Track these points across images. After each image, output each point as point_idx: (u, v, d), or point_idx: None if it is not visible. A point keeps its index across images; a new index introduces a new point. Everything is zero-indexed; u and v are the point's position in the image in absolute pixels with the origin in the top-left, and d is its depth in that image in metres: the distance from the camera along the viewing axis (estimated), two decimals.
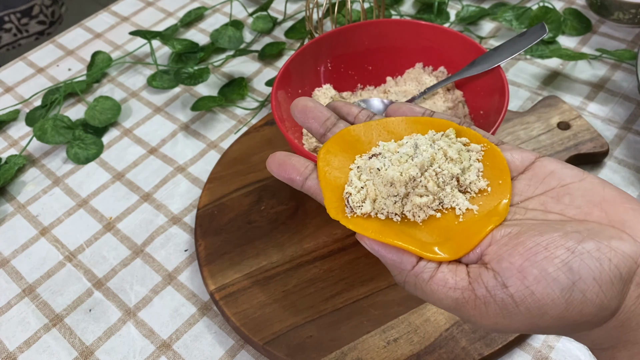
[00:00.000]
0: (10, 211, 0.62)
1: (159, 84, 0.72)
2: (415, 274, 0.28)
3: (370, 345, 0.46)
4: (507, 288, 0.26)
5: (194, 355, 0.49)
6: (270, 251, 0.53)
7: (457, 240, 0.29)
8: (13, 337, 0.51)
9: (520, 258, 0.26)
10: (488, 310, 0.26)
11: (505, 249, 0.27)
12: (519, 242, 0.27)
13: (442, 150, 0.31)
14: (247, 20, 0.82)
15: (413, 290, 0.29)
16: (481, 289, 0.26)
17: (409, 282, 0.28)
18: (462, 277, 0.27)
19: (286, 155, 0.33)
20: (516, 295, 0.25)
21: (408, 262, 0.28)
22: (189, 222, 0.58)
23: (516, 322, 0.26)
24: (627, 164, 0.59)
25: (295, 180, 0.32)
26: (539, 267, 0.25)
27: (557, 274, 0.25)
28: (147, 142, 0.67)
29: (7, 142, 0.69)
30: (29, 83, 0.77)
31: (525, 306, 0.25)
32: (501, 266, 0.26)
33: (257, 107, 0.69)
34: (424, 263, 0.28)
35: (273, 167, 0.32)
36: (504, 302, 0.26)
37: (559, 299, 0.25)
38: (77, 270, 0.56)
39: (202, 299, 0.52)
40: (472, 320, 0.27)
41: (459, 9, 0.79)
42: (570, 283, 0.25)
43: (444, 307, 0.28)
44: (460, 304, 0.27)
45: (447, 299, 0.27)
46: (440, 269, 0.28)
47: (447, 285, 0.27)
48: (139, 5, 0.87)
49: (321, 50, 0.58)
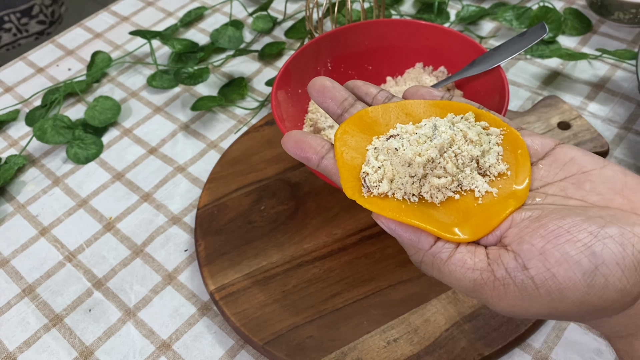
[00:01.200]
0: (10, 211, 0.62)
1: (158, 84, 0.72)
2: (433, 254, 0.28)
3: (370, 345, 0.46)
4: (527, 270, 0.25)
5: (193, 355, 0.49)
6: (270, 251, 0.53)
7: (476, 221, 0.28)
8: (13, 337, 0.51)
9: (542, 240, 0.26)
10: (507, 292, 0.26)
11: (527, 231, 0.26)
12: (541, 224, 0.26)
13: (462, 132, 0.30)
14: (247, 20, 0.82)
15: (430, 270, 0.28)
16: (501, 270, 0.26)
17: (425, 261, 0.28)
18: (480, 258, 0.27)
19: (302, 134, 0.32)
20: (537, 277, 0.25)
21: (426, 242, 0.28)
22: (189, 222, 0.58)
23: (535, 305, 0.26)
24: (627, 164, 0.59)
25: (311, 158, 0.31)
26: (561, 249, 0.25)
27: (579, 257, 0.25)
28: (147, 142, 0.67)
29: (7, 142, 0.69)
30: (29, 83, 0.77)
31: (546, 289, 0.25)
32: (522, 248, 0.26)
33: (257, 107, 0.69)
34: (442, 243, 0.28)
35: (289, 146, 0.32)
36: (524, 284, 0.25)
37: (580, 282, 0.24)
38: (77, 270, 0.56)
39: (202, 299, 0.52)
40: (489, 303, 0.27)
41: (459, 8, 0.79)
42: (593, 267, 0.24)
43: (461, 289, 0.27)
44: (478, 285, 0.26)
45: (465, 280, 0.27)
46: (458, 250, 0.27)
47: (465, 266, 0.27)
48: (138, 5, 0.87)
49: (321, 50, 0.58)
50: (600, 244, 0.25)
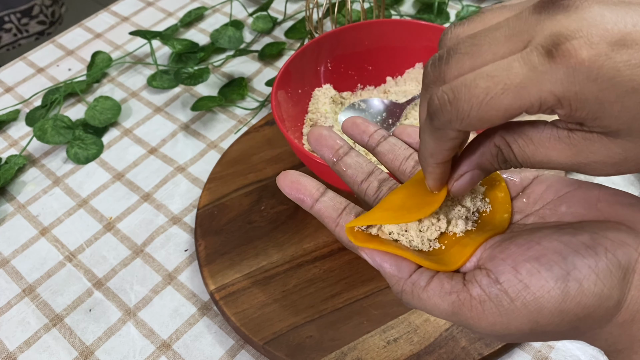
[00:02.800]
0: (10, 211, 0.62)
1: (159, 84, 0.72)
2: (412, 282, 0.28)
3: (370, 345, 0.46)
4: (500, 284, 0.25)
5: (194, 355, 0.49)
6: (270, 251, 0.53)
7: (454, 251, 0.29)
8: (13, 337, 0.51)
9: (512, 254, 0.26)
10: (485, 309, 0.26)
11: (498, 249, 0.27)
12: (512, 241, 0.27)
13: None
14: (247, 20, 0.82)
15: (410, 299, 0.28)
16: (476, 289, 0.26)
17: (406, 290, 0.28)
18: (457, 281, 0.27)
19: (298, 175, 0.32)
20: (510, 290, 0.25)
21: (406, 270, 0.28)
22: (189, 222, 0.58)
23: (514, 320, 0.25)
24: None
25: (305, 201, 0.32)
26: (532, 260, 0.25)
27: (550, 265, 0.25)
28: (147, 142, 0.67)
29: (7, 142, 0.69)
30: (29, 83, 0.77)
31: (521, 301, 0.25)
32: (493, 263, 0.26)
33: (257, 107, 0.69)
34: (422, 270, 0.28)
35: (284, 185, 0.32)
36: (499, 298, 0.25)
37: (554, 289, 0.24)
38: (77, 270, 0.56)
39: (202, 299, 0.52)
40: (470, 325, 0.27)
41: (459, 9, 0.79)
42: (565, 272, 0.24)
43: (441, 314, 0.27)
44: (457, 307, 0.27)
45: (443, 304, 0.27)
46: (437, 276, 0.28)
47: (443, 290, 0.27)
48: (139, 5, 0.87)
49: (321, 50, 0.59)
50: (571, 250, 0.25)
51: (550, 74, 0.21)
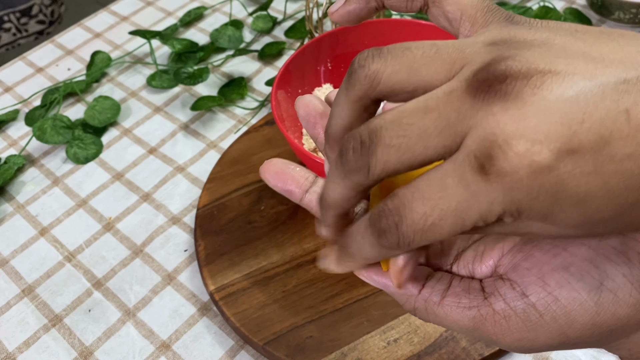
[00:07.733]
0: (9, 211, 0.62)
1: (158, 84, 0.72)
2: (424, 298, 0.25)
3: (370, 345, 0.46)
4: (527, 297, 0.23)
5: (193, 355, 0.49)
6: (270, 251, 0.53)
7: None
8: (12, 337, 0.51)
9: (537, 262, 0.23)
10: (510, 325, 0.23)
11: (520, 255, 0.24)
12: (534, 246, 0.24)
13: None
14: (247, 20, 0.82)
15: (425, 316, 0.26)
16: (499, 303, 0.23)
17: (419, 308, 0.26)
18: (476, 294, 0.24)
19: (284, 163, 0.28)
20: (539, 303, 0.23)
21: (413, 286, 0.26)
22: (188, 222, 0.58)
23: (543, 335, 0.23)
24: None
25: (293, 192, 0.28)
26: (560, 269, 0.23)
27: (581, 275, 0.22)
28: (147, 142, 0.67)
29: (6, 142, 0.69)
30: (29, 83, 0.77)
31: (551, 315, 0.22)
32: (517, 274, 0.24)
33: (257, 107, 0.69)
34: (433, 283, 0.25)
35: (268, 176, 0.28)
36: (526, 313, 0.23)
37: (587, 302, 0.22)
38: (76, 271, 0.55)
39: (202, 299, 0.52)
40: (494, 340, 0.24)
41: None
42: (598, 283, 0.22)
43: (461, 330, 0.25)
44: (478, 323, 0.24)
45: (462, 320, 0.24)
46: (451, 289, 0.25)
47: (460, 304, 0.24)
48: (138, 5, 0.87)
49: (321, 50, 0.58)
50: (602, 256, 0.22)
51: (486, 194, 0.18)
